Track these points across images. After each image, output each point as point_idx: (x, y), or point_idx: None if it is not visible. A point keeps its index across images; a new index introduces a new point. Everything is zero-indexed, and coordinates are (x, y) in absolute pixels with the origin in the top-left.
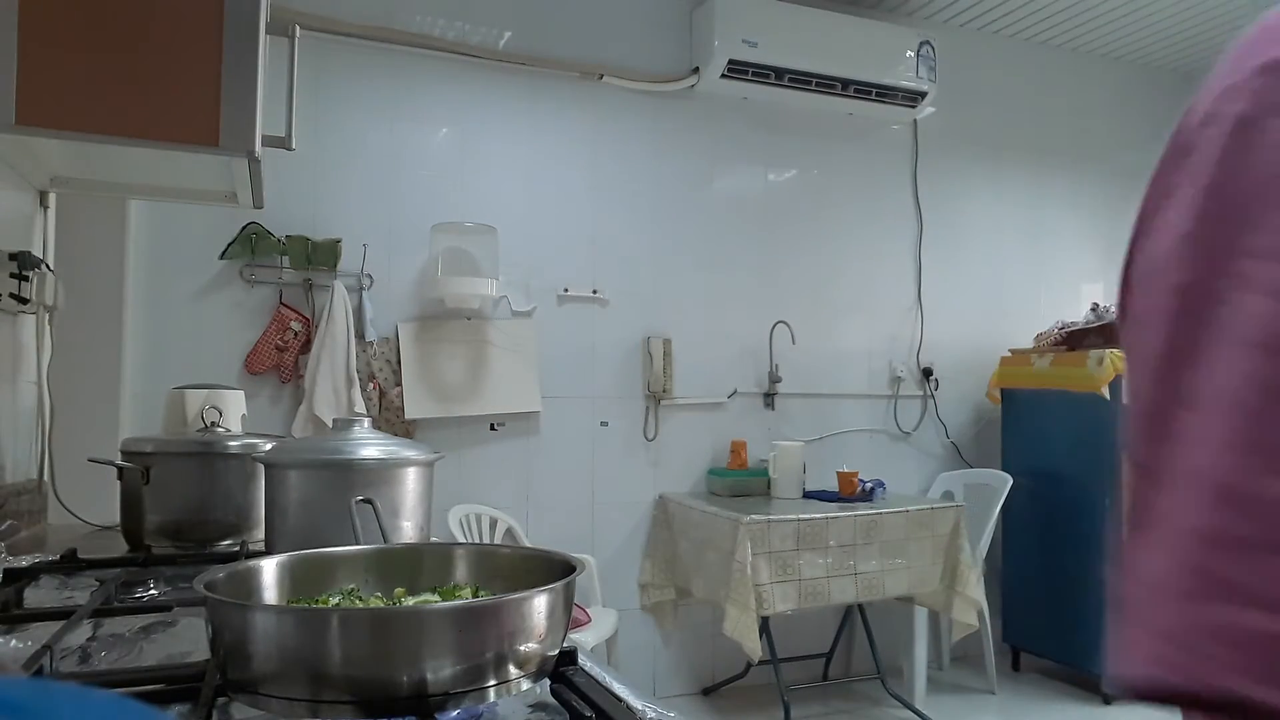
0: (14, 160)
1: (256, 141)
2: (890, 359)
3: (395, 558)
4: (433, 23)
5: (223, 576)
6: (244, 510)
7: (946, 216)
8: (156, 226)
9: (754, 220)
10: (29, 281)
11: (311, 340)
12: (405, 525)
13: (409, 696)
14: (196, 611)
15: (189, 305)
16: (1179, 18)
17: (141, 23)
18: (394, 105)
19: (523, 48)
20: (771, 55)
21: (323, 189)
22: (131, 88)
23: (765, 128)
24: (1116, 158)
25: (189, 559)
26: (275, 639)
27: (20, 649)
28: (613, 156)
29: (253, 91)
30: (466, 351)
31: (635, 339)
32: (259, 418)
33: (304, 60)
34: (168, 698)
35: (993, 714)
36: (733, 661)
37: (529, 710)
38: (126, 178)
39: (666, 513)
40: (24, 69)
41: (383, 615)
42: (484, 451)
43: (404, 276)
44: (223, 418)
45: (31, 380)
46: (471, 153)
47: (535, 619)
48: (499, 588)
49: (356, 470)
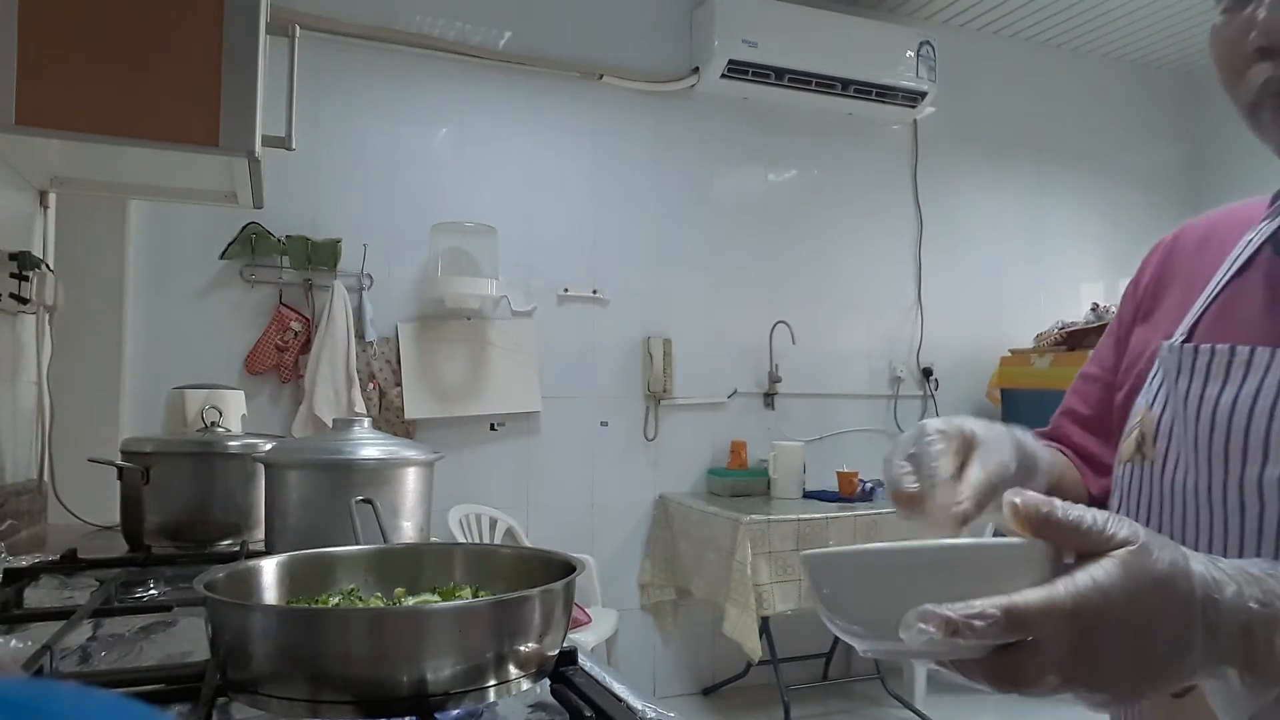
0: (14, 160)
1: (256, 141)
2: (890, 359)
3: (395, 558)
4: (433, 23)
5: (223, 576)
6: (244, 510)
7: (946, 216)
8: (156, 226)
9: (754, 220)
10: (29, 281)
11: (311, 340)
12: (405, 525)
13: (409, 696)
14: (196, 611)
15: (189, 305)
16: (1179, 18)
17: (141, 23)
18: (394, 105)
19: (523, 48)
20: (771, 55)
21: (323, 189)
22: (131, 88)
23: (765, 128)
24: (1116, 158)
25: (189, 559)
26: (275, 639)
27: (20, 649)
28: (613, 156)
29: (253, 91)
30: (466, 351)
31: (635, 339)
32: (259, 418)
33: (304, 60)
34: (168, 698)
35: (992, 714)
36: (733, 661)
37: (529, 710)
38: (126, 178)
39: (666, 513)
40: (24, 69)
41: (383, 615)
42: (484, 451)
43: (404, 276)
44: (223, 418)
45: (31, 380)
46: (471, 153)
47: (535, 619)
48: (499, 588)
49: (356, 470)
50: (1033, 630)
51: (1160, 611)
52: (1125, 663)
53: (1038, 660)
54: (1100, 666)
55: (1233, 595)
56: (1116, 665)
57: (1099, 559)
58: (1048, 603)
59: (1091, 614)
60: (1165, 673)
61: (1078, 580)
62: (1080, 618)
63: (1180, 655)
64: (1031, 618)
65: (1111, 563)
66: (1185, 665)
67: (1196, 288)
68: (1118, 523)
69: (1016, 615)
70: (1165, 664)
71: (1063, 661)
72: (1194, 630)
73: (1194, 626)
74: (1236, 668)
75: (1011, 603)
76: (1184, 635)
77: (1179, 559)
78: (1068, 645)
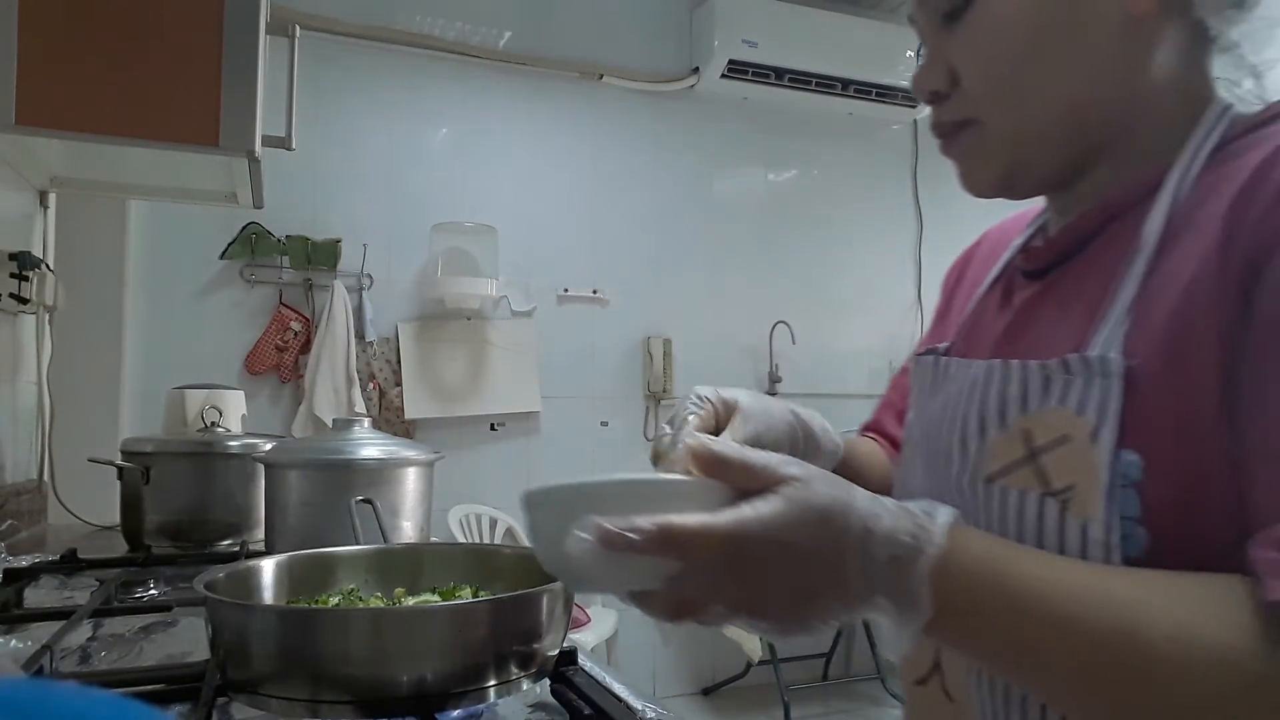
0: (14, 160)
1: (256, 141)
2: (890, 358)
3: (395, 558)
4: (433, 23)
5: (223, 576)
6: (244, 510)
7: (946, 216)
8: (156, 226)
9: (754, 220)
10: (29, 281)
11: (311, 340)
12: (405, 525)
13: (409, 696)
14: (196, 611)
15: (189, 305)
16: None
17: (141, 23)
18: (394, 105)
19: (523, 48)
20: (771, 55)
21: (323, 189)
22: (131, 88)
23: (765, 128)
24: None
25: (189, 559)
26: (275, 639)
27: (20, 649)
28: (613, 156)
29: (253, 91)
30: (466, 351)
31: (635, 339)
32: (259, 418)
33: (304, 60)
34: (168, 698)
35: None
36: (733, 661)
37: (529, 710)
38: (126, 178)
39: None
40: (24, 69)
41: (383, 615)
42: (484, 451)
43: (404, 276)
44: (223, 418)
45: (31, 380)
46: (471, 153)
47: (535, 619)
48: (499, 588)
49: (356, 470)
50: (689, 550)
51: (817, 540)
52: (783, 589)
53: (698, 585)
54: (759, 592)
55: (887, 527)
56: (775, 591)
57: (764, 494)
58: (704, 525)
59: (747, 539)
60: (824, 601)
61: (740, 509)
62: (736, 542)
63: (837, 583)
64: (686, 537)
65: (774, 495)
66: (843, 595)
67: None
68: (788, 464)
69: (671, 533)
70: (823, 591)
71: (722, 586)
72: (849, 558)
73: (849, 554)
74: (888, 597)
75: (668, 520)
76: (839, 563)
77: (841, 494)
78: (725, 570)
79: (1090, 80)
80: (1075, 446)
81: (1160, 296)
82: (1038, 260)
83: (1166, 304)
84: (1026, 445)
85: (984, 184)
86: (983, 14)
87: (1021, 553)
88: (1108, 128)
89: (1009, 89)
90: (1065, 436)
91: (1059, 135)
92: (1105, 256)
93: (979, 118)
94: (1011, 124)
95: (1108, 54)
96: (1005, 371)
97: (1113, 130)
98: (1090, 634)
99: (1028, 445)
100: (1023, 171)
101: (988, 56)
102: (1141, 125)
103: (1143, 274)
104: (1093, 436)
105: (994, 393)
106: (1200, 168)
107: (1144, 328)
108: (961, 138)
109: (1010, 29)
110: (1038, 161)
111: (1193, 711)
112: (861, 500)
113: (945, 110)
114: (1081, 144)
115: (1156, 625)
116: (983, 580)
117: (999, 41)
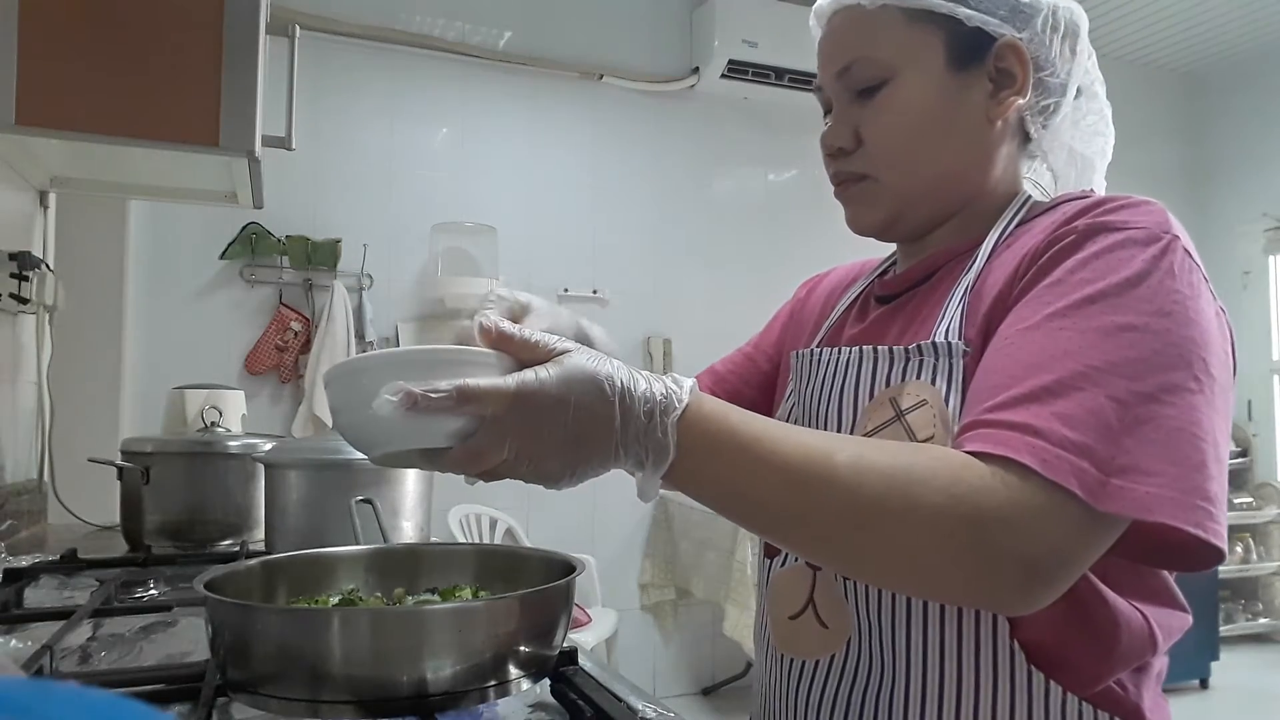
0: (14, 160)
1: (256, 141)
2: None
3: (395, 558)
4: (433, 23)
5: (223, 576)
6: (244, 510)
7: None
8: (156, 226)
9: (754, 220)
10: (29, 281)
11: (311, 340)
12: (405, 525)
13: (409, 696)
14: (196, 611)
15: (189, 305)
16: (1179, 18)
17: (141, 23)
18: (394, 105)
19: (523, 48)
20: (771, 55)
21: (323, 189)
22: (131, 88)
23: (765, 128)
24: (1116, 157)
25: (189, 559)
26: (275, 639)
27: (20, 649)
28: (613, 156)
29: (253, 91)
30: None
31: (635, 339)
32: (259, 418)
33: (304, 60)
34: (168, 698)
35: None
36: (733, 661)
37: (529, 710)
38: (126, 178)
39: (666, 513)
40: (24, 69)
41: (383, 615)
42: None
43: (404, 276)
44: (223, 418)
45: (31, 380)
46: (471, 153)
47: (535, 619)
48: (499, 588)
49: (356, 470)
50: (482, 407)
51: (586, 396)
52: (559, 438)
53: (490, 437)
54: (540, 441)
55: (644, 389)
56: (552, 441)
57: (544, 364)
58: (494, 385)
59: (530, 395)
60: (593, 449)
61: (522, 373)
62: (521, 396)
63: (603, 434)
64: (480, 395)
65: (552, 363)
66: (608, 443)
67: (825, 313)
68: (563, 341)
69: (468, 391)
70: (592, 440)
71: (509, 436)
72: (614, 412)
73: (612, 407)
74: (642, 445)
75: (464, 382)
76: (604, 415)
77: (606, 364)
78: (512, 421)
79: (959, 162)
80: (931, 408)
81: (979, 304)
82: (891, 287)
83: (982, 308)
84: (894, 408)
85: (869, 226)
86: (891, 96)
87: (757, 416)
88: (961, 200)
89: (902, 156)
90: (924, 401)
91: (931, 199)
92: (939, 290)
93: (875, 174)
94: (899, 183)
95: (973, 145)
96: (874, 355)
97: (963, 202)
98: (797, 468)
99: (895, 408)
100: (900, 222)
101: (890, 128)
102: (979, 203)
103: (968, 287)
104: (946, 400)
105: (865, 370)
106: (1008, 234)
107: (971, 324)
108: (857, 188)
109: (909, 111)
110: (911, 216)
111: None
112: (622, 369)
113: (847, 163)
114: (943, 209)
115: (843, 450)
116: (719, 429)
117: (900, 119)
